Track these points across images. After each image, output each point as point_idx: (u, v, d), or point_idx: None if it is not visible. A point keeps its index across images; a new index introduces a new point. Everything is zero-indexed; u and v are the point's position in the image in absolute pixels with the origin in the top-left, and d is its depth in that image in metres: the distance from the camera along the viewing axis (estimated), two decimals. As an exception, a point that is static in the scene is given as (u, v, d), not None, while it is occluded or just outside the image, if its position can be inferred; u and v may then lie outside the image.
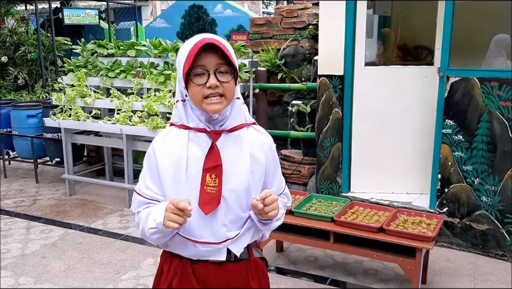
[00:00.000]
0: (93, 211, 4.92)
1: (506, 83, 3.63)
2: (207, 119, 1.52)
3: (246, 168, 1.55)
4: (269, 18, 7.03)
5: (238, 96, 1.58)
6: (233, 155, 1.55)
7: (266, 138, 1.64)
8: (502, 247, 3.83)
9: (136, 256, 3.92)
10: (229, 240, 1.57)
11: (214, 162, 1.52)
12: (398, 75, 4.33)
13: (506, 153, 3.70)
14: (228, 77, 1.47)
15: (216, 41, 1.45)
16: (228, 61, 1.46)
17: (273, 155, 1.67)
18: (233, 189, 1.54)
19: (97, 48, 5.33)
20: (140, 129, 4.69)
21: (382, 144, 4.40)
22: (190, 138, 1.53)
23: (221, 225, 1.55)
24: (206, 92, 1.45)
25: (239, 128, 1.57)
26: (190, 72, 1.46)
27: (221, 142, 1.54)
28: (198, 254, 1.57)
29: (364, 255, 3.33)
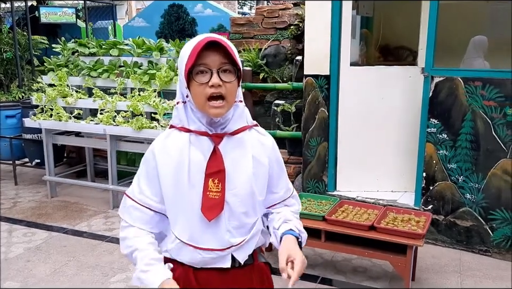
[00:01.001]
0: (76, 213, 4.83)
1: (489, 83, 3.72)
2: (208, 122, 1.49)
3: (249, 172, 1.52)
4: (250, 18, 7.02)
5: (240, 99, 1.54)
6: (235, 159, 1.51)
7: (269, 140, 1.62)
8: (486, 243, 3.92)
9: (124, 258, 3.83)
10: (234, 247, 1.53)
11: (216, 167, 1.48)
12: (382, 75, 4.39)
13: (490, 151, 3.80)
14: (231, 77, 1.44)
15: (220, 40, 1.42)
16: (231, 60, 1.43)
17: (276, 157, 1.64)
18: (236, 194, 1.51)
19: (78, 47, 5.24)
20: (124, 129, 4.63)
21: (367, 143, 4.45)
22: (191, 142, 1.49)
23: (224, 231, 1.51)
24: (209, 91, 1.41)
25: (241, 130, 1.54)
26: (192, 70, 1.42)
27: (223, 146, 1.50)
28: (202, 261, 1.53)
29: (354, 253, 3.36)
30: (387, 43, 5.64)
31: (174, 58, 4.78)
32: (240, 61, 1.47)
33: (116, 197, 4.98)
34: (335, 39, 4.28)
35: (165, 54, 4.92)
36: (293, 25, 6.62)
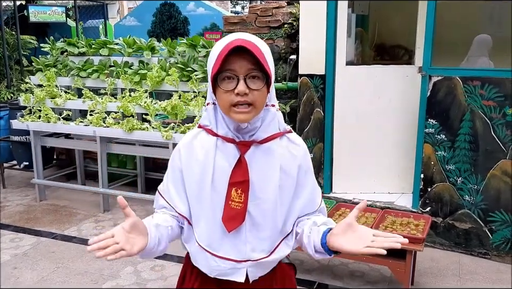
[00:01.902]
0: (66, 218, 4.70)
1: (488, 82, 3.64)
2: (235, 128, 1.40)
3: (275, 184, 1.43)
4: (243, 17, 6.92)
5: (273, 103, 1.45)
6: (262, 169, 1.43)
7: (300, 149, 1.50)
8: (485, 246, 3.84)
9: (115, 265, 3.75)
10: (250, 262, 1.46)
11: (241, 177, 1.41)
12: (378, 74, 4.30)
13: (489, 152, 3.72)
14: (259, 84, 1.34)
15: (249, 43, 1.31)
16: (261, 65, 1.32)
17: (306, 167, 1.52)
18: (260, 206, 1.43)
19: (67, 46, 5.10)
20: (114, 131, 4.51)
21: (363, 144, 4.37)
22: (217, 146, 1.43)
23: (244, 242, 1.45)
24: (234, 99, 1.32)
25: (271, 138, 1.44)
26: (218, 76, 1.34)
27: (250, 155, 1.42)
28: (217, 270, 1.47)
29: (352, 258, 3.27)
30: (383, 42, 5.56)
31: (166, 58, 4.67)
32: (271, 65, 1.38)
33: (107, 200, 4.86)
34: (331, 38, 4.19)
35: (156, 54, 4.81)
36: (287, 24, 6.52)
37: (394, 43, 5.54)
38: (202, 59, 4.48)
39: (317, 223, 1.51)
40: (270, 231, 1.46)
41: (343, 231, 1.38)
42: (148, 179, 5.37)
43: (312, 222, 1.52)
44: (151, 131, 4.40)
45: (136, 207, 4.92)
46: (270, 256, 1.48)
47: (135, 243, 1.34)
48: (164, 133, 4.27)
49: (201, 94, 4.35)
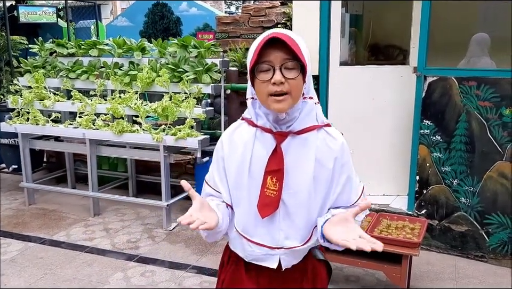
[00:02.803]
0: (55, 222, 4.60)
1: (484, 82, 3.58)
2: (274, 119, 1.47)
3: (309, 174, 1.47)
4: (236, 17, 6.84)
5: (311, 95, 1.50)
6: (297, 159, 1.48)
7: (337, 142, 1.52)
8: (481, 249, 3.78)
9: (104, 270, 3.66)
10: (283, 249, 1.52)
11: (276, 166, 1.47)
12: (373, 75, 4.24)
13: (485, 153, 3.66)
14: (294, 73, 1.39)
15: (283, 35, 1.37)
16: (296, 56, 1.38)
17: (343, 161, 1.52)
18: (293, 195, 1.48)
19: (56, 47, 5.00)
20: (104, 133, 4.42)
21: (357, 145, 4.27)
22: (256, 137, 1.50)
23: (277, 229, 1.51)
24: (271, 89, 1.39)
25: (308, 130, 1.49)
26: (255, 68, 1.41)
27: (286, 145, 1.48)
28: (252, 255, 1.55)
29: (347, 263, 3.19)
30: (377, 42, 5.49)
31: (156, 59, 4.58)
32: (307, 56, 1.43)
33: (97, 204, 4.76)
34: (324, 38, 4.11)
35: (147, 54, 4.72)
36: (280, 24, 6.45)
37: (389, 43, 5.47)
38: (194, 60, 4.40)
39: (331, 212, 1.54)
40: (304, 220, 1.50)
41: (337, 223, 1.42)
42: (139, 182, 5.28)
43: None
44: (142, 134, 4.31)
45: (128, 211, 4.84)
46: (304, 245, 1.53)
47: (210, 218, 1.42)
48: (154, 135, 4.18)
49: (192, 95, 4.27)
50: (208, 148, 4.31)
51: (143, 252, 3.95)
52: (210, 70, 4.32)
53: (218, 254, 3.88)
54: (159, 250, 3.98)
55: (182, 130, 4.15)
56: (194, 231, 4.35)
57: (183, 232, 4.34)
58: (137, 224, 4.53)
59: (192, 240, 4.18)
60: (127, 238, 4.22)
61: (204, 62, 4.33)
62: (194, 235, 4.26)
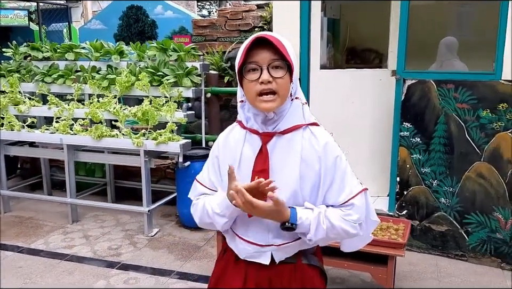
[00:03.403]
0: (32, 230, 4.49)
1: (462, 85, 3.66)
2: (263, 120, 1.51)
3: (295, 174, 1.49)
4: (212, 20, 6.81)
5: (297, 96, 1.53)
6: (282, 159, 1.51)
7: (320, 143, 1.53)
8: (461, 248, 3.86)
9: (86, 279, 3.58)
10: (274, 246, 1.55)
11: (261, 166, 1.51)
12: (352, 78, 4.30)
13: (464, 154, 3.74)
14: (281, 73, 1.44)
15: (269, 36, 1.43)
16: (282, 56, 1.43)
17: (328, 161, 1.52)
18: (280, 194, 1.46)
19: (31, 51, 4.89)
20: (83, 138, 4.33)
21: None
22: (246, 138, 1.55)
23: (265, 229, 1.54)
24: (259, 88, 1.43)
25: (293, 129, 1.52)
26: (243, 68, 1.46)
27: (272, 145, 1.52)
28: (245, 252, 1.58)
29: (333, 265, 3.21)
30: (353, 46, 5.57)
31: (135, 62, 4.53)
32: (293, 56, 1.47)
33: (75, 211, 4.66)
34: (304, 41, 4.14)
35: (125, 58, 4.65)
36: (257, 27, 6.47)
37: (365, 47, 5.56)
38: (174, 63, 4.36)
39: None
40: None
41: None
42: (118, 188, 5.20)
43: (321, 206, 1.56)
44: (121, 138, 4.25)
45: (107, 217, 4.76)
46: (295, 242, 1.55)
47: None
48: (134, 139, 4.13)
49: (173, 99, 4.23)
50: (189, 152, 4.28)
51: (125, 259, 3.88)
52: (191, 73, 4.29)
53: (202, 259, 3.85)
54: (142, 257, 3.92)
55: (163, 135, 4.11)
56: (177, 236, 4.32)
57: (165, 238, 4.29)
58: (118, 231, 4.45)
59: (175, 245, 4.14)
60: (108, 245, 4.14)
61: (184, 66, 4.30)
62: (177, 241, 4.22)
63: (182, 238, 4.28)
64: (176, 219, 4.65)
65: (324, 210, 1.51)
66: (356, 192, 1.55)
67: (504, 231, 3.70)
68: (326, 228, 1.49)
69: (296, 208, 1.50)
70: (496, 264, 3.76)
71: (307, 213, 1.49)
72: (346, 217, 1.53)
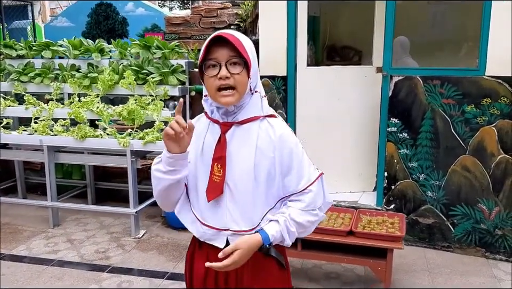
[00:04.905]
0: (11, 235, 4.30)
1: (447, 81, 3.77)
2: (224, 112, 1.59)
3: (250, 161, 1.57)
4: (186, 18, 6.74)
5: (257, 89, 1.61)
6: (238, 147, 1.59)
7: (277, 132, 1.60)
8: (447, 239, 3.98)
9: (77, 283, 3.47)
10: (230, 231, 1.62)
11: (219, 153, 1.59)
12: (338, 75, 4.34)
13: (449, 148, 3.85)
14: (239, 69, 1.52)
15: (227, 35, 1.50)
16: (240, 54, 1.50)
17: (287, 149, 1.60)
18: (236, 180, 1.58)
19: (4, 48, 4.67)
20: (65, 139, 4.19)
21: (325, 144, 4.37)
22: (209, 128, 1.64)
23: (225, 213, 1.61)
24: (218, 83, 1.51)
25: (250, 120, 1.60)
26: (204, 65, 1.54)
27: (230, 134, 1.60)
28: (205, 236, 1.66)
29: (333, 260, 3.24)
30: (333, 44, 5.63)
31: (117, 60, 4.41)
32: (251, 53, 1.55)
33: (56, 214, 4.49)
34: (291, 39, 4.15)
35: (105, 56, 4.53)
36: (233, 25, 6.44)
37: (344, 45, 5.63)
38: (158, 61, 4.28)
39: (275, 218, 1.62)
40: (249, 205, 1.60)
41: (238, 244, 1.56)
42: (99, 190, 5.06)
43: (282, 210, 1.64)
44: (106, 139, 4.13)
45: (89, 220, 4.62)
46: (250, 231, 1.61)
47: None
48: (120, 139, 4.02)
49: (158, 98, 4.15)
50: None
51: (115, 262, 3.78)
52: (176, 71, 4.22)
53: (195, 259, 3.80)
54: (132, 259, 3.83)
55: (149, 134, 4.03)
56: (165, 237, 4.24)
57: (153, 239, 4.21)
58: (103, 233, 4.33)
59: (164, 246, 4.06)
60: (94, 248, 4.02)
61: (169, 63, 4.23)
62: (166, 242, 4.15)
63: (170, 239, 4.21)
64: (162, 220, 4.57)
65: (287, 214, 1.61)
66: (313, 178, 1.65)
67: (488, 221, 3.84)
68: (295, 229, 1.61)
69: (264, 228, 1.59)
70: (480, 254, 3.90)
71: (274, 226, 1.59)
72: (305, 208, 1.63)
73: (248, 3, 6.28)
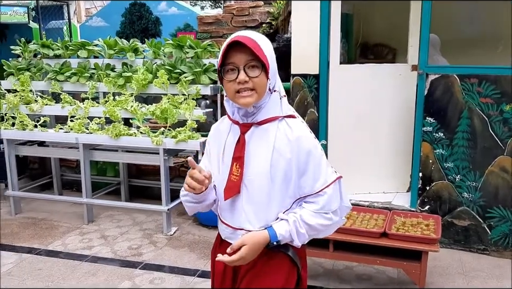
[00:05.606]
0: (47, 231, 4.41)
1: (485, 79, 3.66)
2: (244, 113, 1.62)
3: (267, 162, 1.60)
4: (218, 17, 6.77)
5: (276, 89, 1.62)
6: (256, 148, 1.62)
7: (294, 133, 1.61)
8: (484, 242, 3.87)
9: (110, 279, 3.53)
10: (244, 231, 1.65)
11: (238, 153, 1.63)
12: (372, 73, 4.27)
13: (487, 149, 3.74)
14: (257, 72, 1.53)
15: (245, 38, 1.51)
16: (258, 56, 1.51)
17: (304, 151, 1.60)
18: (252, 180, 1.62)
19: (42, 48, 4.79)
20: (100, 137, 4.26)
21: (357, 143, 4.31)
22: (231, 129, 1.68)
23: (240, 212, 1.66)
24: (237, 87, 1.54)
25: (269, 121, 1.61)
26: (223, 69, 1.56)
27: (249, 134, 1.63)
28: (224, 234, 1.75)
29: (366, 262, 3.20)
30: (366, 41, 5.55)
31: (151, 60, 4.46)
32: (269, 55, 1.56)
33: (91, 211, 4.59)
34: (324, 37, 4.10)
35: (139, 55, 4.59)
36: (265, 24, 6.42)
37: (378, 42, 5.54)
38: (191, 60, 4.31)
39: (285, 217, 1.64)
40: (264, 205, 1.63)
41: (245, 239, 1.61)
42: (132, 187, 5.14)
43: (295, 210, 1.66)
44: (140, 137, 4.18)
45: (122, 216, 4.70)
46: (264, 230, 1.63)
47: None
48: (153, 138, 4.07)
49: (190, 97, 4.17)
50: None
51: (147, 259, 3.83)
52: (209, 70, 4.24)
53: (226, 258, 3.81)
54: (164, 256, 3.87)
55: (182, 133, 4.06)
56: (196, 235, 4.27)
57: (185, 237, 4.24)
58: (135, 230, 4.39)
59: (196, 244, 4.09)
60: (127, 245, 4.08)
61: (202, 63, 4.25)
62: (197, 239, 4.18)
63: (201, 236, 4.23)
64: (193, 218, 4.60)
65: (298, 215, 1.62)
66: (330, 181, 1.64)
67: (527, 224, 3.72)
68: (305, 231, 1.62)
69: (273, 224, 1.62)
70: (518, 257, 3.78)
71: (284, 225, 1.61)
72: (318, 211, 1.63)
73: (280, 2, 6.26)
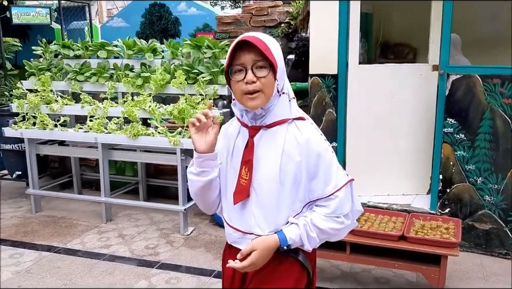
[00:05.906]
0: (66, 229, 4.46)
1: (508, 80, 3.58)
2: (252, 115, 1.59)
3: (276, 165, 1.57)
4: (237, 17, 6.77)
5: (284, 91, 1.60)
6: (265, 151, 1.59)
7: (304, 135, 1.58)
8: (505, 246, 3.78)
9: (127, 278, 3.54)
10: (254, 235, 1.63)
11: (247, 157, 1.61)
12: (392, 73, 4.21)
13: (509, 150, 3.65)
14: (265, 72, 1.51)
15: (252, 38, 1.49)
16: (266, 56, 1.49)
17: (313, 154, 1.57)
18: (261, 184, 1.59)
19: (62, 49, 4.85)
20: (118, 137, 4.29)
21: (377, 144, 4.26)
22: (240, 131, 1.66)
23: (250, 216, 1.63)
24: (245, 88, 1.52)
25: (278, 123, 1.59)
26: (230, 70, 1.55)
27: (258, 138, 1.61)
28: (231, 238, 1.71)
29: (384, 265, 3.15)
30: (386, 41, 5.48)
31: (169, 60, 4.48)
32: (277, 56, 1.54)
33: (109, 210, 4.63)
34: (343, 37, 4.06)
35: (158, 56, 4.60)
36: (284, 23, 6.40)
37: (398, 42, 5.47)
38: (208, 60, 4.31)
39: (295, 221, 1.62)
40: (274, 209, 1.60)
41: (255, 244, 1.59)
42: (150, 186, 5.16)
43: (305, 214, 1.63)
44: (157, 137, 4.20)
45: (140, 216, 4.73)
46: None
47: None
48: (171, 138, 4.08)
49: (208, 97, 4.17)
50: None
51: (164, 258, 3.84)
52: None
53: (242, 259, 3.80)
54: (180, 256, 3.88)
55: (199, 133, 4.05)
56: (213, 235, 4.27)
57: (201, 237, 4.24)
58: (153, 230, 4.41)
59: (212, 244, 4.09)
60: (144, 244, 4.10)
61: (219, 63, 4.24)
62: (214, 240, 4.18)
63: (218, 237, 4.23)
64: (210, 218, 4.60)
65: (309, 219, 1.60)
66: (341, 184, 1.61)
67: (552, 229, 3.62)
68: (316, 235, 1.60)
69: (283, 229, 1.59)
70: (542, 263, 3.68)
71: (294, 229, 1.59)
72: (330, 214, 1.60)
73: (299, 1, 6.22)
